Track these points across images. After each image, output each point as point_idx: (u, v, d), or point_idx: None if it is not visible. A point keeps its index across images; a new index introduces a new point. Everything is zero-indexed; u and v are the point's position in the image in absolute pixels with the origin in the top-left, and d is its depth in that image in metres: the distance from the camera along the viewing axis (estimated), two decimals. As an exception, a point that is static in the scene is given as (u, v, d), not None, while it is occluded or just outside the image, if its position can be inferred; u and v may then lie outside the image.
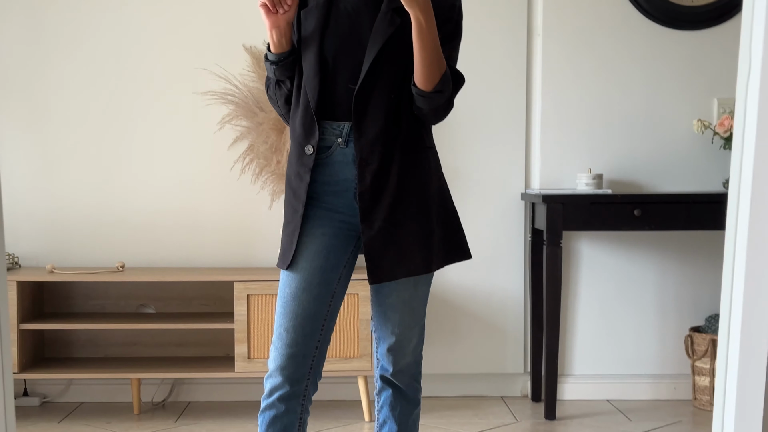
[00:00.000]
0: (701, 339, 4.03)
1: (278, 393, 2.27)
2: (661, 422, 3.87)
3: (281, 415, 2.27)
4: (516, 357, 4.29)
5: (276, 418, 2.27)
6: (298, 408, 2.29)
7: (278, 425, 2.28)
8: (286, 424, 2.28)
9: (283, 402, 2.27)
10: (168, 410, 4.06)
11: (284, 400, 2.27)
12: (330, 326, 2.30)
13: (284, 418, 2.28)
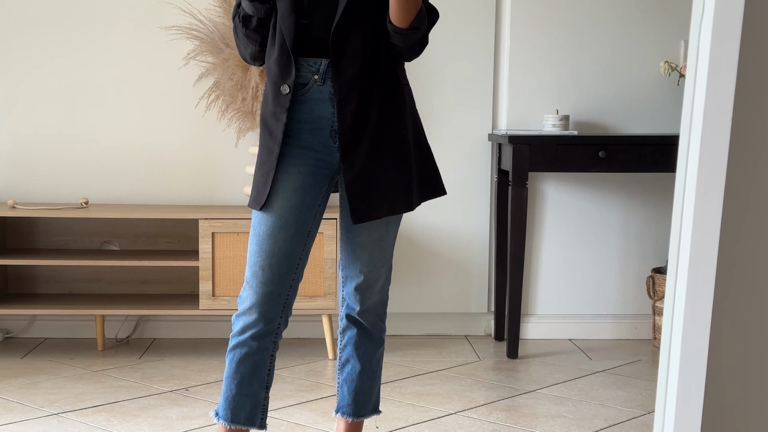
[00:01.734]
0: (663, 280, 4.08)
1: (251, 331, 2.27)
2: (621, 361, 3.93)
3: (253, 352, 2.28)
4: (480, 297, 4.32)
5: (247, 356, 2.28)
6: (270, 345, 2.30)
7: (249, 363, 2.29)
8: (257, 361, 2.29)
9: (255, 340, 2.28)
10: (132, 347, 4.07)
11: (257, 338, 2.28)
12: (303, 264, 2.31)
13: (255, 356, 2.29)
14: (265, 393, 2.33)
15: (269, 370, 2.33)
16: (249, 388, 2.30)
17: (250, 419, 2.32)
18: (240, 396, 2.30)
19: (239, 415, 2.31)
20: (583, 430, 3.03)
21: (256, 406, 2.32)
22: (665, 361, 1.48)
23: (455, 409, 3.24)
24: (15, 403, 3.22)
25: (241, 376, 2.30)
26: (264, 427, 2.35)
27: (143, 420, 3.07)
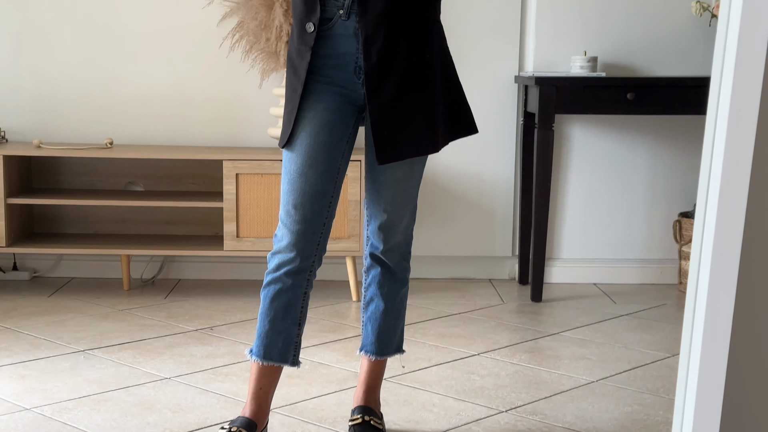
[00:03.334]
0: (689, 224, 4.05)
1: (286, 268, 2.28)
2: (645, 305, 3.91)
3: (287, 289, 2.29)
4: (505, 240, 4.31)
5: (281, 292, 2.29)
6: (303, 283, 2.31)
7: (283, 299, 2.30)
8: (291, 298, 2.30)
9: (290, 277, 2.28)
10: (157, 287, 4.10)
11: (292, 275, 2.28)
12: (335, 202, 2.30)
13: (290, 293, 2.30)
14: (297, 330, 2.34)
15: (302, 308, 2.34)
16: (282, 324, 2.31)
17: (282, 355, 2.33)
18: (273, 332, 2.31)
19: (272, 351, 2.32)
20: (607, 372, 3.02)
21: (288, 342, 2.33)
22: (691, 303, 1.46)
23: (478, 350, 3.24)
24: (42, 340, 3.26)
25: (274, 312, 2.31)
26: (296, 363, 2.36)
27: (168, 358, 3.10)
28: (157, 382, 2.85)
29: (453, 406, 2.70)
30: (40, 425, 2.49)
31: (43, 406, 2.64)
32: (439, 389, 2.84)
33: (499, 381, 2.92)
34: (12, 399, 2.69)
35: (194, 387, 2.82)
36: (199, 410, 2.63)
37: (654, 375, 3.00)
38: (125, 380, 2.87)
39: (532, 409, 2.68)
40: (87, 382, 2.84)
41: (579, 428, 2.53)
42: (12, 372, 2.93)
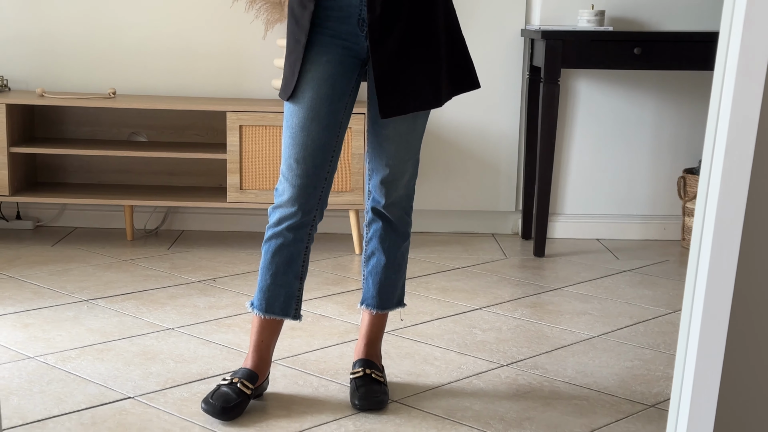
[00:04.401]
0: (694, 180, 4.03)
1: (287, 223, 2.28)
2: (648, 261, 3.91)
3: (288, 243, 2.29)
4: (508, 195, 4.30)
5: (283, 247, 2.29)
6: (305, 237, 2.31)
7: (284, 253, 2.30)
8: (293, 252, 2.30)
9: (291, 231, 2.28)
10: (161, 238, 4.10)
11: (293, 229, 2.28)
12: (337, 156, 2.29)
13: (291, 247, 2.30)
14: (299, 284, 2.35)
15: (304, 262, 2.34)
16: (283, 278, 2.32)
17: (284, 309, 2.34)
18: (274, 286, 2.32)
19: (273, 305, 2.33)
20: (608, 327, 3.03)
21: (290, 296, 2.34)
22: (695, 258, 1.45)
23: (480, 304, 3.25)
24: (46, 289, 3.27)
25: (276, 266, 2.31)
26: (298, 317, 2.37)
27: (171, 308, 3.11)
28: (159, 333, 2.87)
29: (454, 359, 2.71)
30: (43, 373, 2.51)
31: (47, 354, 2.65)
32: (441, 343, 2.85)
33: (501, 335, 2.93)
34: (16, 347, 2.70)
35: (197, 338, 2.83)
36: (201, 361, 2.64)
37: (655, 330, 3.01)
38: (128, 330, 2.88)
39: (533, 363, 2.69)
40: (90, 331, 2.86)
41: (579, 383, 2.55)
42: (16, 320, 2.94)
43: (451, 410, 2.34)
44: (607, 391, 2.49)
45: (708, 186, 1.54)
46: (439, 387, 2.50)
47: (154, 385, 2.45)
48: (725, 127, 1.52)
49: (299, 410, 2.32)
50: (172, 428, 2.19)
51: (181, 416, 2.26)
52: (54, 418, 2.23)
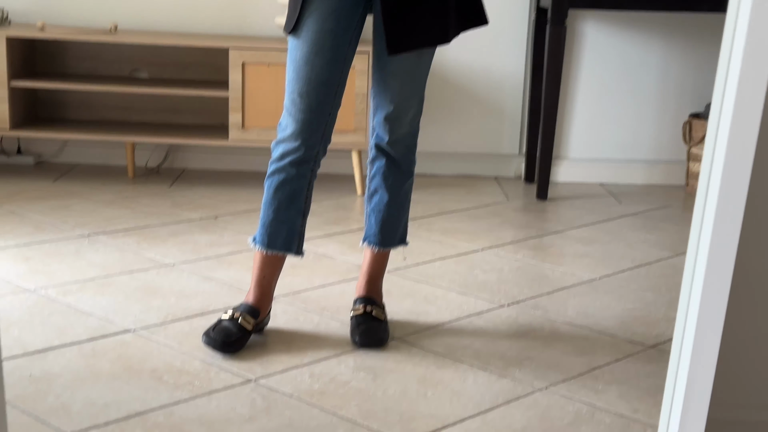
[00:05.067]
0: (700, 125, 4.00)
1: (290, 158, 2.26)
2: (651, 205, 3.90)
3: (291, 179, 2.28)
4: (512, 138, 4.27)
5: (285, 182, 2.28)
6: (308, 173, 2.29)
7: (287, 189, 2.28)
8: (295, 188, 2.29)
9: (294, 166, 2.27)
10: (162, 176, 4.09)
11: (296, 164, 2.27)
12: (341, 92, 2.27)
13: (294, 183, 2.28)
14: (302, 220, 2.34)
15: (307, 198, 2.33)
16: (286, 214, 2.30)
17: (286, 245, 2.33)
18: (277, 222, 2.31)
19: (276, 240, 2.32)
20: (610, 269, 3.03)
21: (292, 232, 2.33)
22: (702, 199, 1.43)
23: (482, 246, 3.24)
24: (47, 224, 3.26)
25: (278, 202, 2.29)
26: (300, 253, 2.36)
27: (173, 245, 3.10)
28: (161, 268, 2.86)
29: (455, 299, 2.71)
30: (44, 306, 2.51)
31: (48, 287, 2.65)
32: (442, 283, 2.84)
33: (502, 276, 2.93)
34: (17, 280, 2.70)
35: (198, 274, 2.83)
36: (202, 296, 2.64)
37: (657, 274, 3.01)
38: (129, 265, 2.88)
39: (534, 303, 2.69)
40: (91, 265, 2.85)
41: (580, 323, 2.55)
42: (17, 254, 2.93)
43: (452, 348, 2.34)
44: (608, 331, 2.50)
45: (718, 126, 1.52)
46: (439, 325, 2.50)
47: (155, 319, 2.45)
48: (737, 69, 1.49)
49: (299, 346, 2.32)
50: (173, 361, 2.20)
51: (182, 349, 2.27)
52: (55, 349, 2.23)
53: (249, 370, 2.17)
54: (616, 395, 2.11)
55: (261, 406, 1.99)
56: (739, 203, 1.49)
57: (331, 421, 1.94)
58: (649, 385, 2.17)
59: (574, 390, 2.13)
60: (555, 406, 2.05)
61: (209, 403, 1.99)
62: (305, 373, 2.17)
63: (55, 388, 2.03)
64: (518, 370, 2.22)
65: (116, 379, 2.09)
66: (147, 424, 1.89)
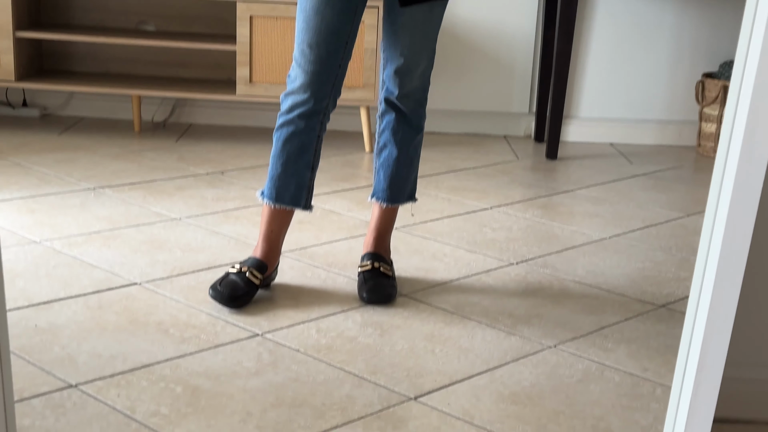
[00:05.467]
0: (713, 85, 3.95)
1: (300, 110, 2.22)
2: (662, 166, 3.86)
3: (300, 132, 2.24)
4: (522, 96, 4.22)
5: (294, 135, 2.24)
6: (317, 126, 2.26)
7: (296, 142, 2.25)
8: (304, 141, 2.25)
9: (303, 119, 2.23)
10: (169, 130, 4.05)
11: (305, 117, 2.23)
12: (352, 43, 2.22)
13: (302, 135, 2.25)
14: (310, 174, 2.30)
15: (316, 151, 2.29)
16: (294, 167, 2.27)
17: (294, 199, 2.30)
18: (285, 175, 2.28)
19: (284, 194, 2.29)
20: (620, 229, 3.00)
21: (301, 186, 2.30)
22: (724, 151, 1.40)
23: (491, 204, 3.21)
24: (53, 176, 3.24)
25: (287, 155, 2.26)
26: (309, 207, 2.33)
27: (179, 199, 3.08)
28: (167, 222, 2.84)
29: (463, 256, 2.68)
30: (50, 257, 2.49)
31: (54, 239, 2.63)
32: (450, 240, 2.82)
33: (511, 234, 2.90)
34: (22, 232, 2.68)
35: (204, 228, 2.80)
36: (209, 251, 2.62)
37: (667, 234, 2.98)
38: (135, 219, 2.85)
39: (543, 262, 2.67)
40: (97, 218, 2.83)
41: (590, 282, 2.52)
42: (22, 205, 2.91)
43: (460, 305, 2.32)
44: (618, 290, 2.47)
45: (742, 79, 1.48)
46: (447, 283, 2.48)
47: (161, 273, 2.43)
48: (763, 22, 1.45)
49: (306, 301, 2.31)
50: (179, 314, 2.18)
51: (188, 303, 2.25)
52: (60, 301, 2.22)
53: (255, 324, 2.15)
54: (626, 354, 2.09)
55: (267, 361, 1.98)
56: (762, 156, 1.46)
57: (338, 376, 1.93)
58: (659, 344, 2.15)
59: (583, 348, 2.11)
60: (564, 364, 2.03)
61: (215, 357, 1.98)
62: (312, 328, 2.15)
63: (60, 339, 2.02)
64: (527, 328, 2.21)
65: (122, 332, 2.07)
66: (153, 377, 1.87)
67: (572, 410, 1.83)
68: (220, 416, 1.74)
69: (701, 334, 1.19)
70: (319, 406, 1.79)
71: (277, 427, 1.71)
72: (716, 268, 1.27)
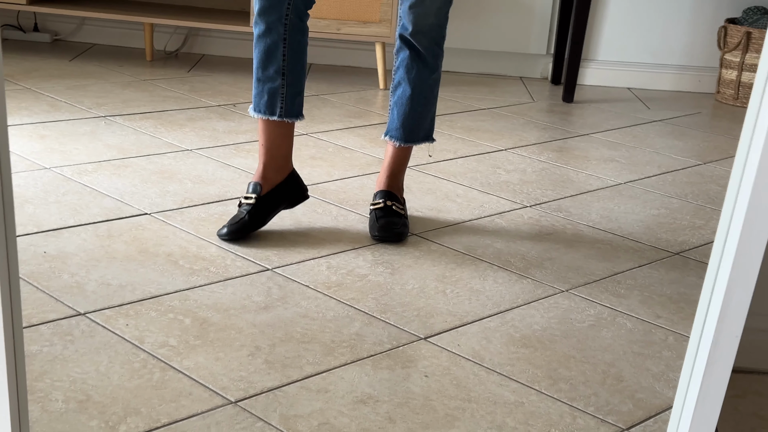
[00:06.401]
0: (735, 31, 3.87)
1: (257, 7, 2.16)
2: (679, 112, 3.80)
3: (263, 34, 2.18)
4: (540, 38, 4.15)
5: (259, 39, 2.19)
6: (279, 26, 2.16)
7: (261, 45, 2.20)
8: (269, 43, 2.18)
9: (262, 17, 2.16)
10: (181, 60, 4.00)
11: (263, 13, 2.16)
12: None
13: (266, 37, 2.18)
14: (281, 80, 2.22)
15: (284, 55, 2.20)
16: (264, 73, 2.22)
17: (269, 108, 2.23)
18: (258, 83, 2.23)
19: (259, 103, 2.24)
20: (635, 175, 2.96)
21: (274, 93, 2.22)
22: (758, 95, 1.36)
23: (505, 145, 3.17)
24: (63, 103, 3.20)
25: (257, 60, 2.22)
26: (289, 116, 2.24)
27: (190, 130, 3.04)
28: (178, 153, 2.81)
29: (477, 197, 2.65)
30: (59, 184, 2.47)
31: (63, 166, 2.60)
32: (464, 181, 2.79)
33: (525, 177, 2.87)
34: (32, 157, 2.65)
35: (215, 160, 2.77)
36: (219, 183, 2.59)
37: (683, 181, 2.94)
38: (146, 148, 2.82)
39: (556, 205, 2.64)
40: (107, 147, 2.80)
41: (603, 227, 2.50)
42: (32, 131, 2.88)
43: (472, 246, 2.30)
44: (632, 237, 2.44)
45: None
46: (460, 223, 2.45)
47: (171, 204, 2.41)
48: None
49: (317, 237, 2.28)
50: (189, 246, 2.16)
51: (198, 235, 2.23)
52: (69, 228, 2.20)
53: (265, 259, 2.13)
54: (638, 301, 2.07)
55: (277, 296, 1.96)
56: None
57: (347, 313, 1.91)
58: (672, 292, 2.13)
59: (596, 294, 2.09)
60: (575, 308, 2.01)
61: (224, 290, 1.96)
62: (323, 264, 2.13)
63: (69, 266, 2.00)
64: (539, 271, 2.18)
65: (131, 261, 2.06)
66: (162, 308, 1.86)
67: (583, 355, 1.81)
68: (229, 349, 1.73)
69: (725, 282, 1.17)
70: (328, 343, 1.78)
71: (285, 362, 1.70)
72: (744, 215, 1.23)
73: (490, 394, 1.65)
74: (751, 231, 1.20)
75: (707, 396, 1.23)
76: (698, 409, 1.25)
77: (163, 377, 1.62)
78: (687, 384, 1.25)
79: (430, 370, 1.72)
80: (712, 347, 1.19)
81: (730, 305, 1.18)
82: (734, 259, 1.18)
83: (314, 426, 1.51)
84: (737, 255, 1.18)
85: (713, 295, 1.20)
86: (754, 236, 1.20)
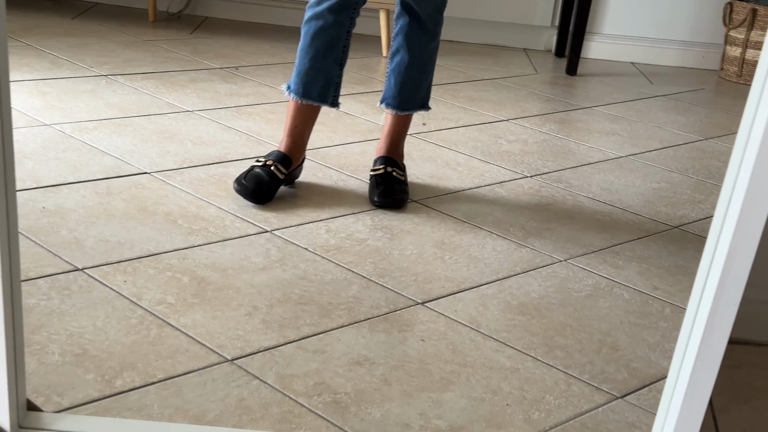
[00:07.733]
0: (741, 7, 3.85)
1: (328, 3, 2.16)
2: (683, 88, 3.79)
3: (329, 26, 2.18)
4: (545, 9, 4.13)
5: (323, 30, 2.18)
6: (347, 21, 2.19)
7: (325, 36, 2.19)
8: (333, 35, 2.19)
9: (333, 13, 2.16)
10: (183, 22, 3.98)
11: (334, 11, 2.16)
12: None
13: (332, 30, 2.18)
14: (338, 70, 2.25)
15: (345, 47, 2.23)
16: (323, 63, 2.22)
17: (322, 95, 2.25)
18: (313, 71, 2.22)
19: (311, 90, 2.24)
20: (637, 149, 2.95)
21: (329, 82, 2.24)
22: (765, 68, 1.35)
23: (507, 116, 3.16)
24: (64, 61, 3.18)
25: (315, 50, 2.20)
26: (336, 104, 2.28)
27: (192, 92, 3.03)
28: (179, 114, 2.80)
29: (477, 166, 2.65)
30: (59, 141, 2.46)
31: (63, 123, 2.59)
32: (465, 149, 2.78)
33: (526, 147, 2.86)
34: (32, 114, 2.64)
35: (216, 122, 2.76)
36: (220, 144, 2.58)
37: (685, 156, 2.94)
38: (147, 108, 2.81)
39: (557, 177, 2.63)
40: (108, 105, 2.79)
41: (603, 199, 2.49)
42: (33, 88, 2.87)
43: (471, 214, 2.29)
44: (631, 209, 2.44)
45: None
46: (460, 191, 2.45)
47: (171, 164, 2.40)
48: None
49: (317, 201, 2.28)
50: (188, 206, 2.16)
51: (198, 195, 2.22)
52: (69, 185, 2.19)
53: (265, 221, 2.13)
54: (636, 272, 2.07)
55: (275, 257, 1.96)
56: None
57: (345, 276, 1.91)
58: (670, 264, 2.13)
59: (594, 264, 2.09)
60: (573, 278, 2.01)
61: (223, 250, 1.96)
62: (322, 228, 2.13)
63: (68, 222, 2.00)
64: (538, 241, 2.18)
65: (130, 219, 2.05)
66: (160, 266, 1.86)
67: (579, 324, 1.82)
68: (226, 308, 1.73)
69: (726, 248, 1.16)
70: (325, 305, 1.78)
71: (282, 323, 1.70)
72: (746, 187, 1.23)
73: (486, 360, 1.65)
74: (755, 194, 1.19)
75: (703, 364, 1.23)
76: (693, 378, 1.25)
77: (160, 334, 1.62)
78: (683, 352, 1.25)
79: (427, 334, 1.72)
80: (710, 315, 1.19)
81: (731, 272, 1.18)
82: (736, 225, 1.18)
83: (310, 385, 1.52)
84: (739, 220, 1.18)
85: (713, 262, 1.20)
86: (758, 198, 1.19)
